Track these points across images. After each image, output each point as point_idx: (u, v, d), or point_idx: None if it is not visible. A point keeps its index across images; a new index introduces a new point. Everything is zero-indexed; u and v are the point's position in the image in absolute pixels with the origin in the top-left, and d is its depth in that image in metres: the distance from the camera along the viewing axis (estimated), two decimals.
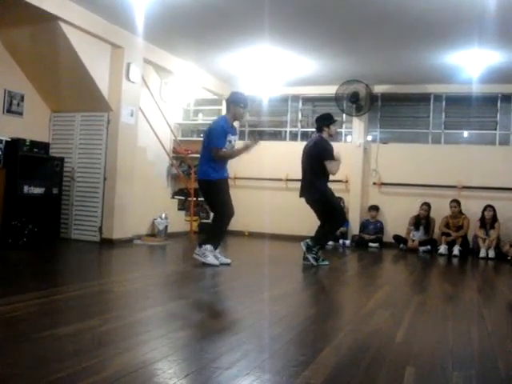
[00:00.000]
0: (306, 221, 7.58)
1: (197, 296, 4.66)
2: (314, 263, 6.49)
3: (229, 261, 6.24)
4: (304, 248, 6.60)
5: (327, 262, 6.65)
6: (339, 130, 10.54)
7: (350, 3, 6.21)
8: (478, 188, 9.38)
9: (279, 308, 4.30)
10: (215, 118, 8.70)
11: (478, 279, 6.92)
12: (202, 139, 6.29)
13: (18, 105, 7.51)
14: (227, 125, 6.10)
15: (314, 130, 10.91)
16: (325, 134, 6.72)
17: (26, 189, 6.98)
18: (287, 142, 10.82)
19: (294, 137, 10.90)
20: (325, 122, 6.77)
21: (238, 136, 6.26)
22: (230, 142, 6.06)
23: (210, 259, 5.97)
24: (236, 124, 10.92)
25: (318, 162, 6.56)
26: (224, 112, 11.14)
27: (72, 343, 2.91)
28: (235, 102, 6.15)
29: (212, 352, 2.87)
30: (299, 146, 7.02)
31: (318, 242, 6.61)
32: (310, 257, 6.53)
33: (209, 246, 6.02)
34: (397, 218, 9.73)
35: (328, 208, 6.67)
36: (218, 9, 6.56)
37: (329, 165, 6.52)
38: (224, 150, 5.98)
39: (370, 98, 9.76)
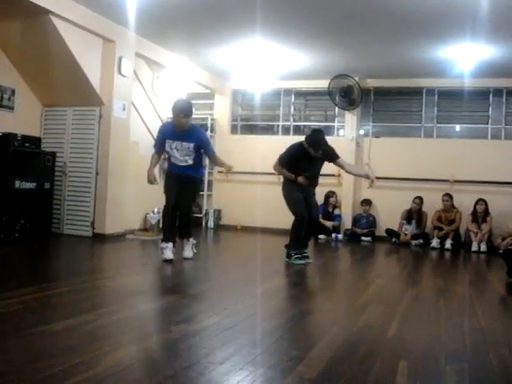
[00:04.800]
0: None
1: (189, 291, 4.66)
2: (302, 262, 6.25)
3: (185, 255, 6.11)
4: (286, 259, 6.36)
5: (302, 262, 6.24)
6: (332, 123, 10.58)
7: None
8: (469, 182, 9.41)
9: (272, 303, 4.31)
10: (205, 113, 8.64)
11: (470, 273, 6.95)
12: None
13: (9, 99, 7.46)
14: (167, 130, 6.05)
15: (306, 124, 11.02)
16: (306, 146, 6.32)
17: (17, 184, 6.94)
18: (280, 136, 10.81)
19: (286, 131, 10.89)
20: (308, 140, 6.25)
21: (184, 142, 5.87)
22: (171, 147, 5.95)
23: (165, 255, 5.88)
24: (226, 118, 10.97)
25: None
26: (216, 106, 11.23)
27: (65, 339, 2.91)
28: (172, 111, 5.85)
29: (205, 347, 2.88)
30: (292, 141, 6.98)
31: (291, 247, 6.37)
32: (293, 262, 6.23)
33: (163, 244, 5.96)
34: (389, 211, 9.75)
35: (287, 205, 6.45)
36: (210, 3, 6.53)
37: (277, 164, 6.45)
38: (156, 153, 6.23)
39: (360, 92, 9.75)
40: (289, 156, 6.36)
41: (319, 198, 9.72)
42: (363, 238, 9.57)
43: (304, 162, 6.25)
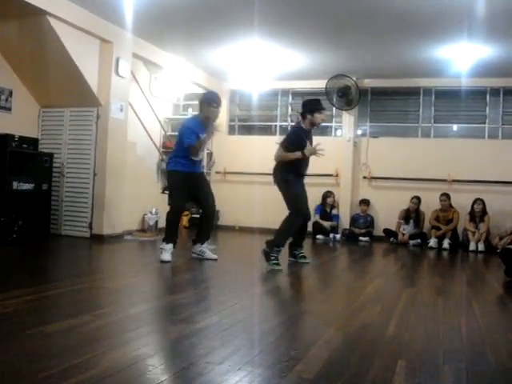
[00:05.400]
0: None
1: (188, 291, 4.65)
2: (279, 268, 5.75)
3: (215, 256, 6.19)
4: (263, 256, 5.86)
5: (280, 267, 5.78)
6: (329, 124, 10.57)
7: None
8: (467, 181, 9.43)
9: (270, 303, 4.32)
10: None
11: (467, 272, 6.96)
12: None
13: (7, 100, 7.45)
14: (197, 126, 5.96)
15: None
16: (306, 123, 6.10)
17: (15, 185, 6.93)
18: (277, 136, 10.79)
19: (284, 131, 10.87)
20: (307, 108, 6.11)
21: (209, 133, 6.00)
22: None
23: (163, 256, 5.86)
24: (224, 119, 10.96)
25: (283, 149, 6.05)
26: None
27: (63, 340, 2.90)
28: (207, 102, 5.97)
29: (203, 347, 2.88)
30: None
31: (275, 243, 5.92)
32: (270, 267, 5.73)
33: (164, 245, 5.92)
34: (387, 211, 9.76)
35: (286, 198, 6.13)
36: (208, 3, 6.53)
37: (279, 151, 6.01)
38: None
39: (358, 92, 9.77)
40: (297, 138, 6.01)
41: (317, 198, 9.80)
42: (361, 237, 9.58)
43: (307, 142, 5.99)
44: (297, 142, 6.01)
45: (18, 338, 2.85)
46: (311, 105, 6.17)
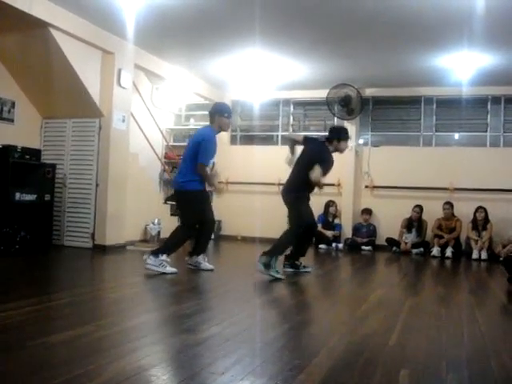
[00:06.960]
0: None
1: (190, 301, 4.65)
2: (281, 277, 5.77)
3: (211, 267, 6.23)
4: (261, 267, 5.72)
5: (283, 277, 5.80)
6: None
7: (339, 7, 6.22)
8: (469, 190, 9.42)
9: (273, 312, 4.31)
10: (204, 124, 8.34)
11: (470, 281, 6.94)
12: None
13: (9, 112, 7.48)
14: (215, 138, 6.03)
15: (305, 134, 11.03)
16: (331, 147, 6.28)
17: (17, 196, 6.94)
18: (279, 146, 10.82)
19: (285, 141, 10.88)
20: (336, 135, 6.32)
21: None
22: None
23: (169, 269, 5.83)
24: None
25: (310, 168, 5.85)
26: None
27: (65, 350, 2.90)
28: (220, 112, 6.05)
29: (206, 357, 2.87)
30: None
31: (275, 253, 5.91)
32: (272, 274, 5.70)
33: (165, 256, 5.86)
34: (389, 220, 9.75)
35: (294, 213, 6.22)
36: (209, 14, 6.56)
37: (316, 170, 5.77)
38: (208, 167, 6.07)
39: (360, 101, 9.79)
40: (330, 161, 6.16)
41: (319, 207, 9.79)
42: (363, 247, 9.57)
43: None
44: (331, 164, 6.17)
45: (20, 349, 2.85)
46: (339, 133, 6.41)
